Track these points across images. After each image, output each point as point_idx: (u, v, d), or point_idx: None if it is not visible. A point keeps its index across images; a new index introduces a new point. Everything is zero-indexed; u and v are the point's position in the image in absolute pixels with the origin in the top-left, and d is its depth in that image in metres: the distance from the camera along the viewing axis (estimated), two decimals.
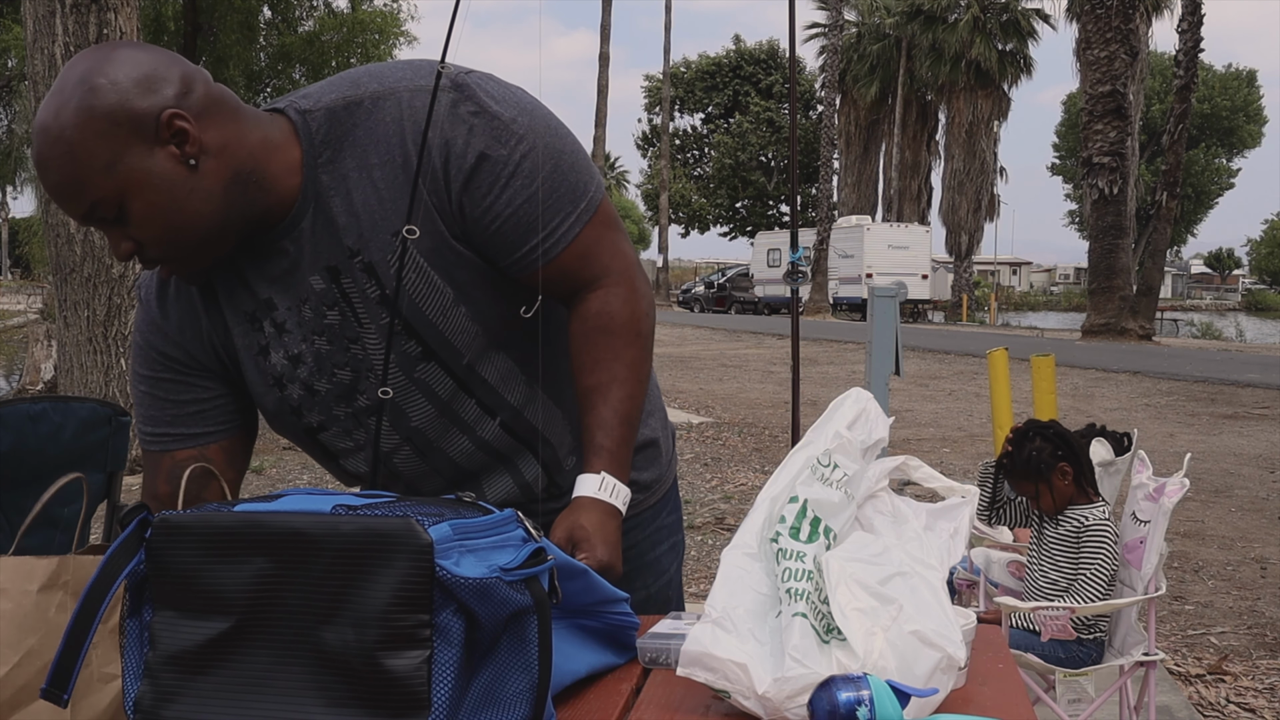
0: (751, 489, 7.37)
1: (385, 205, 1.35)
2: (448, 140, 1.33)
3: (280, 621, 0.91)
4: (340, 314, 1.40)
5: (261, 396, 1.48)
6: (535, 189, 1.36)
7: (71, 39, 7.78)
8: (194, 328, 1.46)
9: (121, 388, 8.09)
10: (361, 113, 1.35)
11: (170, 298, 1.47)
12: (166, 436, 1.49)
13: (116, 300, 8.05)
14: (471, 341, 1.42)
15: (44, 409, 2.17)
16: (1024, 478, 3.14)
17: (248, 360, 1.45)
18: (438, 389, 1.44)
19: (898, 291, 7.00)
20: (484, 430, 1.48)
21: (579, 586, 1.12)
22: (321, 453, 1.53)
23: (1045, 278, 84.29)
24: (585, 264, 1.41)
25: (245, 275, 1.41)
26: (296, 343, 1.42)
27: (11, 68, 18.98)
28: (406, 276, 1.36)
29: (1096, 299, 22.99)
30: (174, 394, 1.48)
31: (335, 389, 1.43)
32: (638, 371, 1.44)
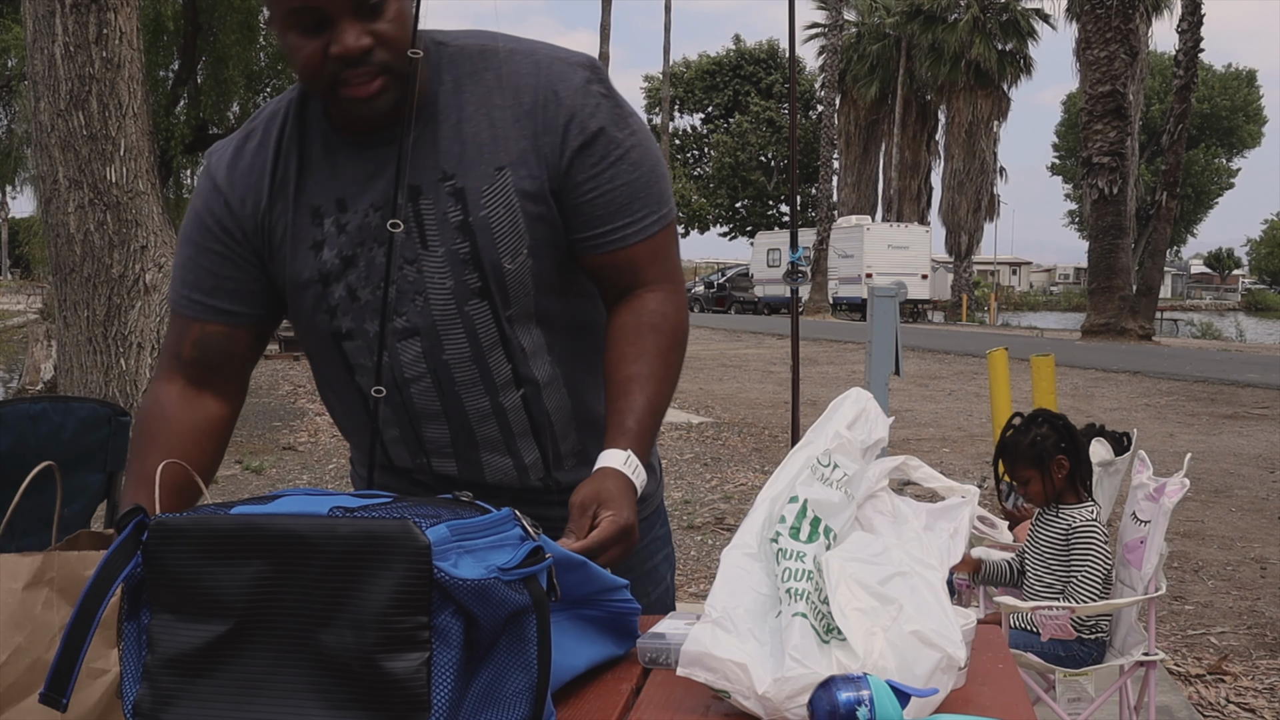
0: (751, 489, 7.37)
1: (496, 143, 1.42)
2: (575, 107, 1.43)
3: (279, 624, 0.91)
4: (406, 231, 1.42)
5: (300, 290, 1.48)
6: (635, 176, 1.46)
7: (71, 39, 7.78)
8: (254, 203, 1.47)
9: (121, 388, 8.09)
10: (495, 60, 1.44)
11: (241, 169, 1.49)
12: (201, 306, 1.51)
13: (116, 300, 8.04)
14: (523, 297, 1.46)
15: (44, 409, 2.18)
16: (1021, 461, 3.14)
17: (298, 251, 1.46)
18: (480, 332, 1.46)
19: (898, 291, 7.00)
20: (506, 397, 1.49)
21: (578, 578, 1.12)
22: (339, 362, 1.51)
23: (1045, 278, 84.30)
24: (653, 263, 1.49)
25: (334, 164, 1.45)
26: (354, 245, 1.44)
27: (11, 68, 18.97)
28: (494, 207, 1.41)
29: (1096, 299, 22.99)
30: (218, 267, 1.50)
31: (376, 301, 1.44)
32: (672, 375, 1.50)
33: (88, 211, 7.95)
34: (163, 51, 18.42)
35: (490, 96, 1.43)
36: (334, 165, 1.45)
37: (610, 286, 1.51)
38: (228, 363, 1.53)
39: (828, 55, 35.11)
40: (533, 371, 1.50)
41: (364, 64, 1.33)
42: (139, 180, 8.14)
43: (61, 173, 7.92)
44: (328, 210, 1.45)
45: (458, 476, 1.53)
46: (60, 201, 7.96)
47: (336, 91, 1.36)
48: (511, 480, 1.53)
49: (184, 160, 20.69)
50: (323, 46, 1.32)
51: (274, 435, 9.74)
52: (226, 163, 1.50)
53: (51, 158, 7.95)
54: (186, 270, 1.51)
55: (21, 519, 1.66)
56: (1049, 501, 3.14)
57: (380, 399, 1.46)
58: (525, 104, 1.42)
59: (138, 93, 8.15)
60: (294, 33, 1.34)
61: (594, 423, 1.55)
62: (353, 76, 1.34)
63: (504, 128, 1.42)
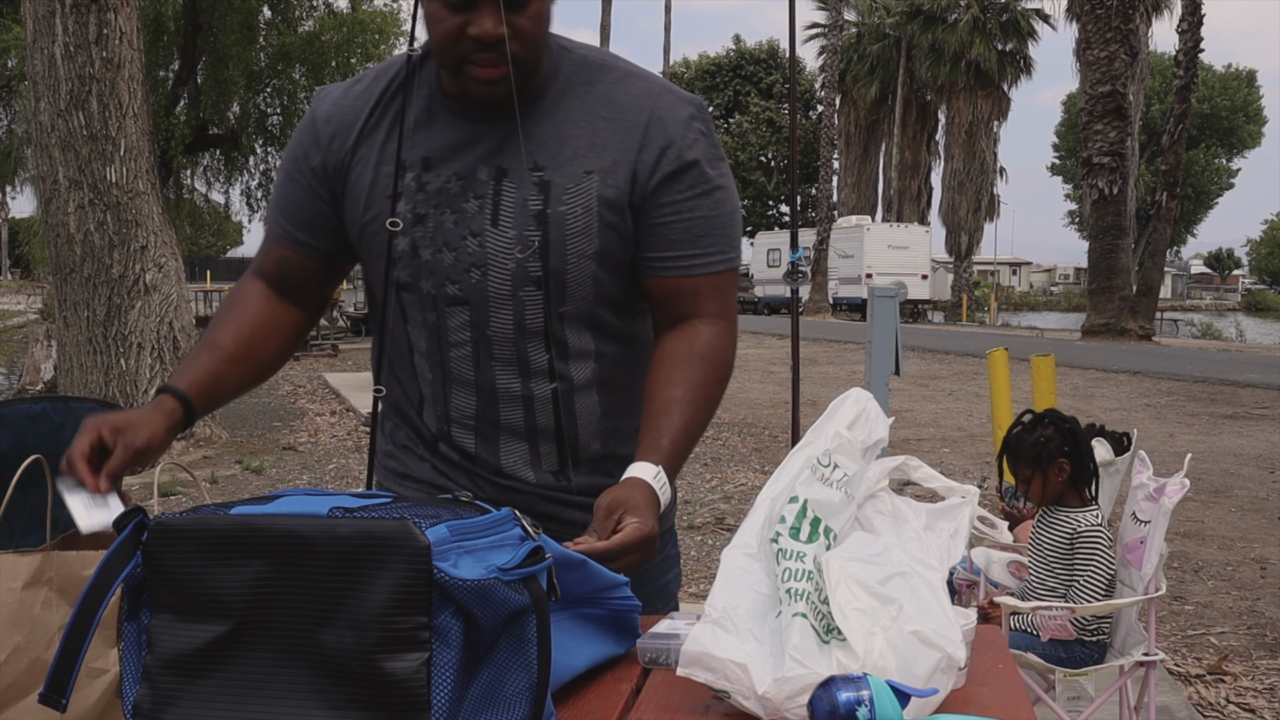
0: (751, 489, 7.37)
1: (592, 149, 1.49)
2: (675, 136, 1.51)
3: (278, 624, 0.91)
4: (480, 206, 1.49)
5: (369, 235, 1.54)
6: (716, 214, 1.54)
7: (71, 39, 7.78)
8: (341, 141, 1.54)
9: (121, 388, 8.09)
10: (610, 76, 1.53)
11: (340, 108, 1.56)
12: (283, 231, 1.61)
13: (116, 300, 8.05)
14: (579, 299, 1.53)
15: (44, 409, 2.17)
16: (1023, 460, 3.14)
17: (374, 198, 1.52)
18: (528, 318, 1.51)
19: (898, 291, 7.00)
20: (538, 386, 1.54)
21: (579, 577, 1.13)
22: (397, 309, 1.57)
23: (1045, 278, 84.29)
24: (713, 297, 1.56)
25: (431, 125, 1.51)
26: (428, 205, 1.50)
27: (11, 68, 18.97)
28: (574, 206, 1.48)
29: (1096, 299, 22.99)
30: (299, 199, 1.58)
31: (434, 263, 1.51)
32: (712, 408, 1.55)
33: (88, 211, 7.95)
34: (163, 51, 18.41)
35: (597, 108, 1.51)
36: (430, 126, 1.52)
37: (667, 311, 1.56)
38: (305, 284, 1.63)
39: (828, 55, 35.11)
40: (570, 370, 1.55)
41: (495, 50, 1.40)
42: (139, 180, 8.14)
43: (61, 173, 7.92)
44: (412, 166, 1.51)
45: (474, 453, 1.58)
46: (60, 201, 7.96)
47: (462, 68, 1.43)
48: (524, 468, 1.57)
49: (184, 160, 20.68)
50: (462, 24, 1.39)
51: (274, 435, 9.74)
52: (332, 99, 1.58)
53: (51, 158, 7.95)
54: (279, 194, 1.62)
55: (21, 518, 1.66)
56: (1045, 502, 3.14)
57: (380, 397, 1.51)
58: (628, 121, 1.50)
59: (138, 93, 8.15)
60: (439, 3, 1.40)
61: (619, 436, 1.60)
62: (482, 59, 1.41)
63: (603, 138, 1.50)
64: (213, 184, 22.96)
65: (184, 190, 21.95)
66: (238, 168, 21.96)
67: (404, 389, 1.63)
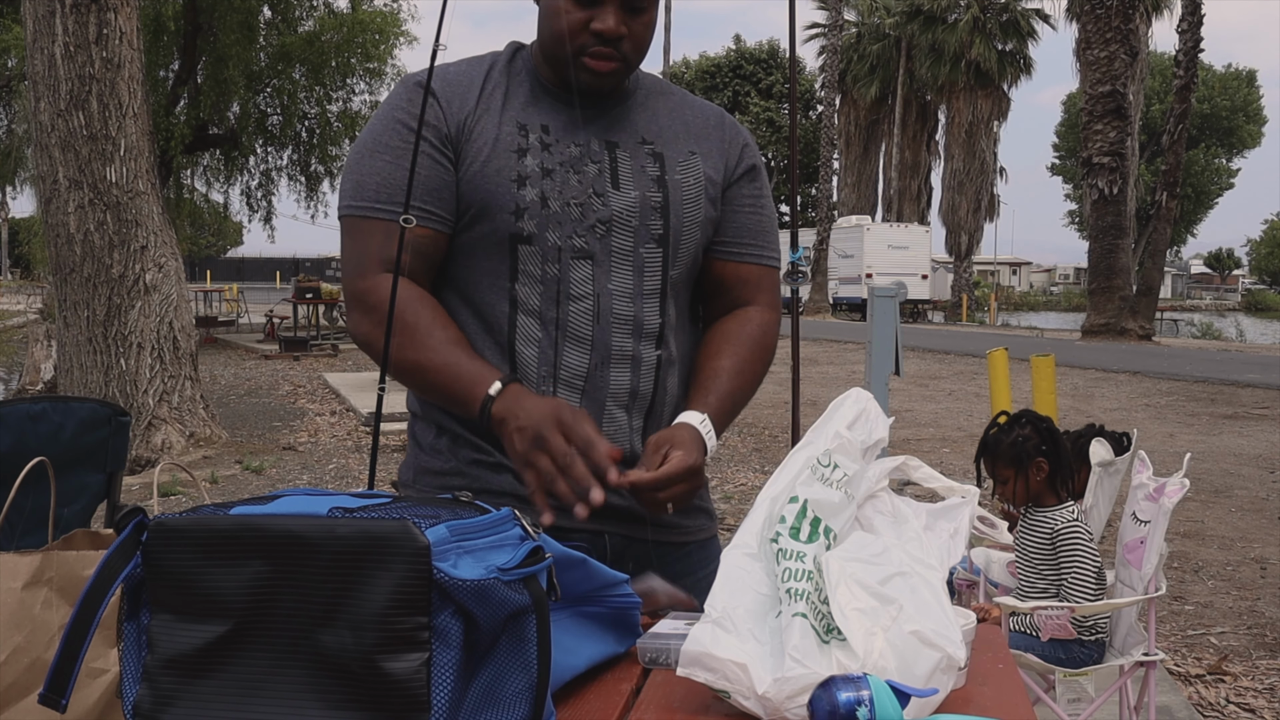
0: (751, 489, 7.37)
1: (689, 134, 1.66)
2: (746, 140, 1.72)
3: (278, 625, 0.91)
4: (600, 170, 1.58)
5: (493, 188, 1.54)
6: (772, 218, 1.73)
7: (71, 39, 7.78)
8: (460, 104, 1.56)
9: (121, 388, 8.09)
10: (678, 92, 1.71)
11: (450, 80, 1.58)
12: (390, 209, 1.53)
13: (116, 300, 8.04)
14: (685, 262, 1.63)
15: (44, 409, 2.17)
16: (1000, 460, 3.14)
17: (499, 153, 1.55)
18: (647, 275, 1.60)
19: (898, 291, 7.00)
20: (645, 350, 1.60)
21: (579, 575, 1.13)
22: (503, 269, 1.56)
23: (1045, 278, 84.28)
24: (770, 289, 1.72)
25: (538, 103, 1.59)
26: (555, 162, 1.57)
27: (11, 68, 18.97)
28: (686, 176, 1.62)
29: (1096, 299, 22.99)
30: (424, 170, 1.54)
31: (562, 215, 1.55)
32: (755, 385, 1.68)
33: (88, 211, 7.95)
34: (163, 51, 18.41)
35: (678, 110, 1.67)
36: (538, 103, 1.59)
37: (727, 295, 1.69)
38: (430, 267, 1.58)
39: (828, 55, 35.10)
40: (670, 340, 1.63)
41: (612, 45, 1.52)
42: (139, 180, 8.13)
43: (61, 173, 7.92)
44: (533, 129, 1.57)
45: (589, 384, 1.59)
46: (60, 201, 7.95)
47: (578, 58, 1.52)
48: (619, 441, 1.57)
49: (184, 160, 20.68)
50: (586, 19, 1.50)
51: (274, 435, 9.74)
52: (439, 75, 1.58)
53: (51, 158, 7.95)
54: (387, 176, 1.54)
55: (21, 519, 1.66)
56: (1024, 503, 3.14)
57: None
58: (711, 121, 1.68)
59: (138, 93, 8.14)
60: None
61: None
62: (599, 52, 1.52)
63: (695, 127, 1.66)
64: (213, 184, 22.99)
65: (184, 190, 21.95)
66: (238, 168, 21.97)
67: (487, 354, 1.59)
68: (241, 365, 16.72)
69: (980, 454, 3.27)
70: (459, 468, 1.60)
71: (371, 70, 20.13)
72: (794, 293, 2.12)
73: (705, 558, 1.68)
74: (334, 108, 21.00)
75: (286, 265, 58.37)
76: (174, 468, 6.59)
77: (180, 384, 8.43)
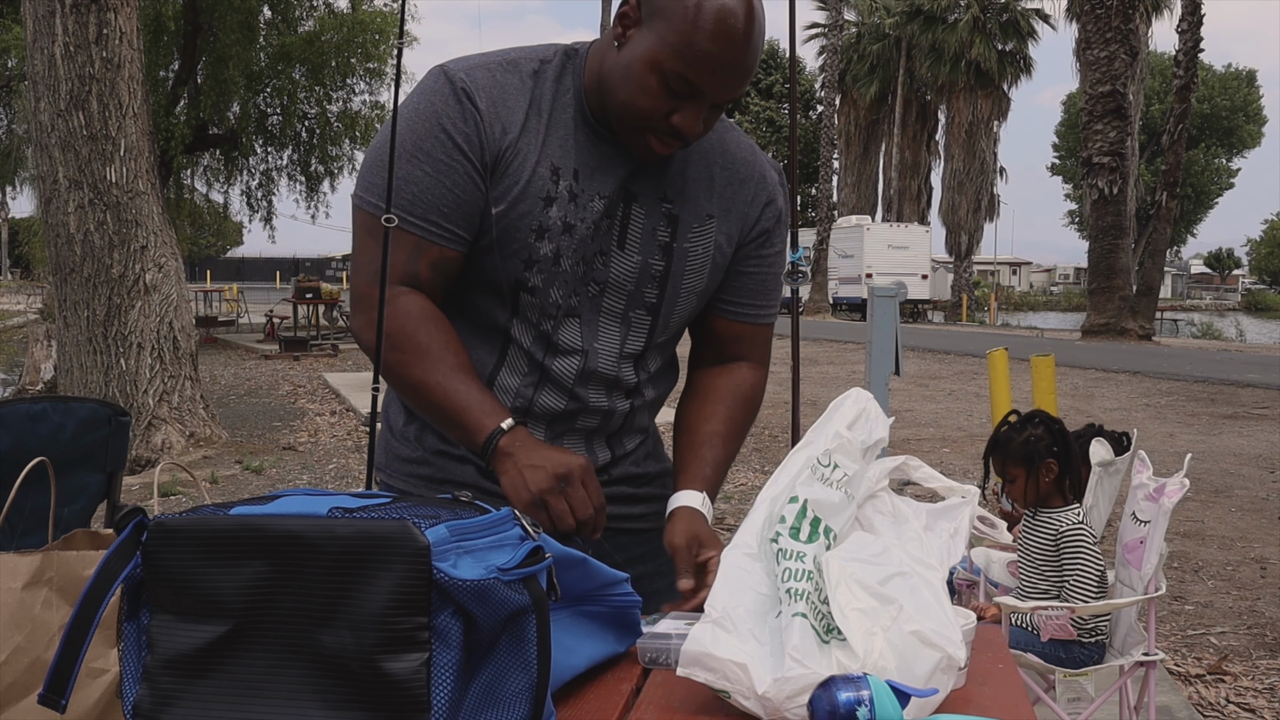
0: (751, 489, 7.37)
1: (711, 194, 1.59)
2: (773, 194, 1.66)
3: (278, 625, 0.91)
4: (609, 226, 1.54)
5: (512, 235, 1.50)
6: (778, 272, 1.72)
7: (71, 39, 7.78)
8: (502, 129, 1.48)
9: (121, 388, 8.09)
10: (721, 125, 1.63)
11: (499, 97, 1.49)
12: (440, 229, 1.48)
13: (116, 300, 8.04)
14: (674, 328, 1.65)
15: (44, 409, 2.17)
16: (1011, 458, 3.13)
17: (528, 197, 1.49)
18: (631, 339, 1.60)
19: (898, 291, 7.00)
20: (619, 402, 1.63)
21: (579, 575, 1.13)
22: (506, 306, 1.56)
23: (1045, 278, 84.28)
24: (763, 345, 1.72)
25: (576, 138, 1.52)
26: (575, 216, 1.52)
27: (11, 68, 18.98)
28: (695, 245, 1.58)
29: (1096, 299, 22.99)
30: (459, 186, 1.48)
31: (569, 274, 1.53)
32: (741, 443, 1.69)
33: (88, 211, 7.95)
34: (163, 51, 18.41)
35: (711, 155, 1.60)
36: (575, 138, 1.52)
37: (720, 348, 1.70)
38: (447, 285, 1.54)
39: (828, 55, 35.10)
40: (645, 390, 1.66)
41: (682, 140, 1.47)
42: (139, 180, 8.14)
43: (61, 173, 7.92)
44: (565, 173, 1.51)
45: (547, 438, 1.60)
46: (60, 201, 7.96)
47: (646, 140, 1.47)
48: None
49: (184, 160, 20.68)
50: (670, 109, 1.43)
51: (274, 435, 9.74)
52: (485, 87, 1.49)
53: (51, 158, 7.95)
54: (425, 188, 1.47)
55: (21, 519, 1.66)
56: (1032, 503, 3.13)
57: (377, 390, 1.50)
58: (740, 174, 1.62)
59: (138, 93, 8.15)
60: (659, 82, 1.41)
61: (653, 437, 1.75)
62: (670, 142, 1.47)
63: (719, 186, 1.60)
64: (213, 184, 22.99)
65: (184, 190, 21.95)
66: (238, 168, 21.97)
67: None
68: (241, 365, 16.72)
69: (990, 451, 3.25)
70: (425, 456, 1.63)
71: (371, 70, 20.14)
72: (794, 293, 2.12)
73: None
74: (334, 108, 21.01)
75: (286, 265, 58.40)
76: (174, 468, 6.59)
77: (180, 384, 8.43)
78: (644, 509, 1.70)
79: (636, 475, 1.69)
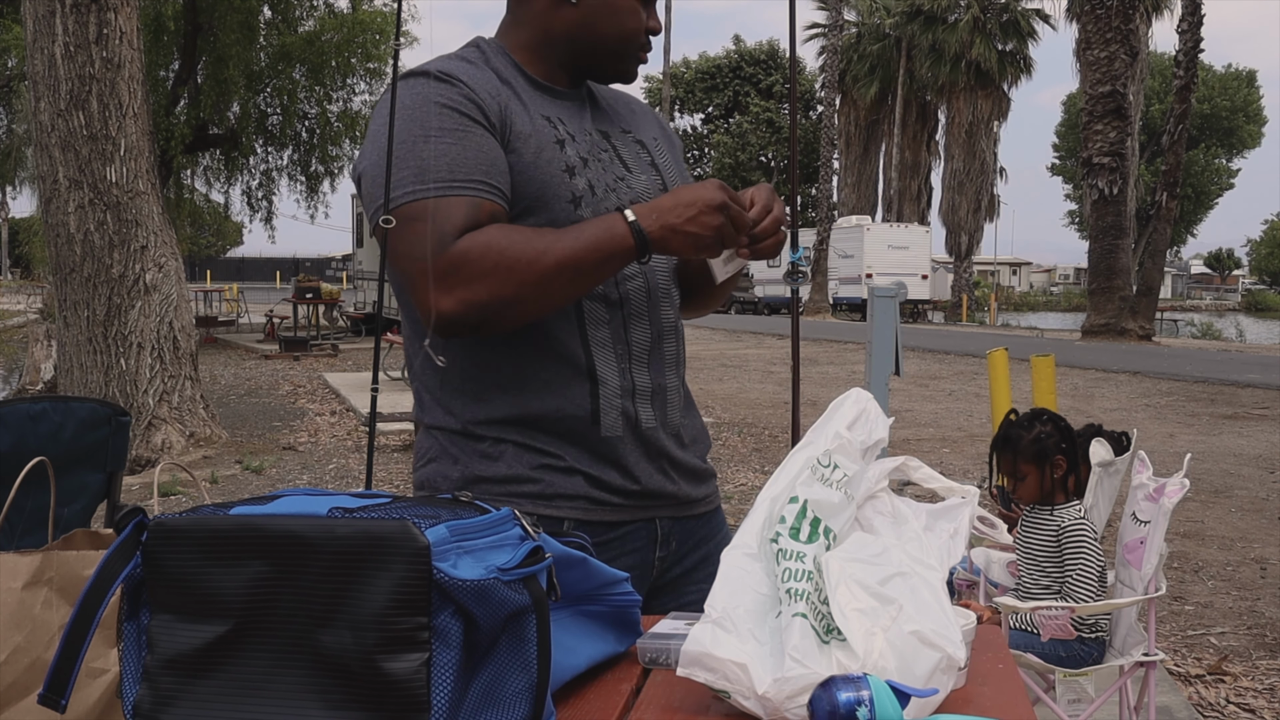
0: (751, 489, 7.38)
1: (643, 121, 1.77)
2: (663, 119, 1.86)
3: (278, 625, 0.90)
4: (610, 158, 1.65)
5: (547, 182, 1.55)
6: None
7: (71, 39, 7.78)
8: (493, 97, 1.54)
9: (121, 388, 8.09)
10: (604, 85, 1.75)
11: (475, 76, 1.56)
12: (486, 185, 1.49)
13: (116, 300, 8.04)
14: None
15: (44, 409, 2.17)
16: (1023, 455, 3.13)
17: (544, 146, 1.56)
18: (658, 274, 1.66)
19: (898, 291, 7.00)
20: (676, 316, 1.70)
21: (578, 574, 1.13)
22: None
23: (1045, 278, 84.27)
24: None
25: (539, 99, 1.62)
26: (585, 151, 1.62)
27: (11, 68, 18.98)
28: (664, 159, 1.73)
29: (1096, 299, 22.99)
30: (489, 147, 1.51)
31: (607, 201, 1.59)
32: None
33: (88, 211, 7.95)
34: (163, 51, 18.42)
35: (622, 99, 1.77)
36: (540, 98, 1.62)
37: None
38: None
39: (828, 55, 35.11)
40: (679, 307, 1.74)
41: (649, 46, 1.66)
42: (139, 180, 8.14)
43: (61, 173, 7.92)
44: (556, 121, 1.61)
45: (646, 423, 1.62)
46: (60, 201, 7.96)
47: (635, 52, 1.63)
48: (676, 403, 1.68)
49: (184, 160, 20.68)
50: (645, 17, 1.62)
51: (274, 435, 9.74)
52: (456, 70, 1.55)
53: (51, 158, 7.95)
54: (455, 156, 1.48)
55: (21, 519, 1.66)
56: (1036, 499, 3.14)
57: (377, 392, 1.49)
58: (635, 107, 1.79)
59: (138, 93, 8.15)
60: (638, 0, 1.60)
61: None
62: (645, 54, 1.65)
63: (640, 114, 1.78)
64: (213, 184, 23.00)
65: (184, 190, 21.95)
66: (238, 168, 21.98)
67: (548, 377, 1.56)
68: (241, 365, 16.72)
69: (999, 449, 3.23)
70: (527, 474, 1.56)
71: (371, 70, 20.14)
72: (794, 293, 2.12)
73: (719, 523, 1.78)
74: (334, 108, 21.03)
75: (286, 265, 58.41)
76: (174, 468, 6.59)
77: (180, 384, 8.43)
78: (706, 490, 1.74)
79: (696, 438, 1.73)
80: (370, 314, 20.79)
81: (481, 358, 1.57)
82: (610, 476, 1.59)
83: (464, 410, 1.58)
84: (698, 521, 1.71)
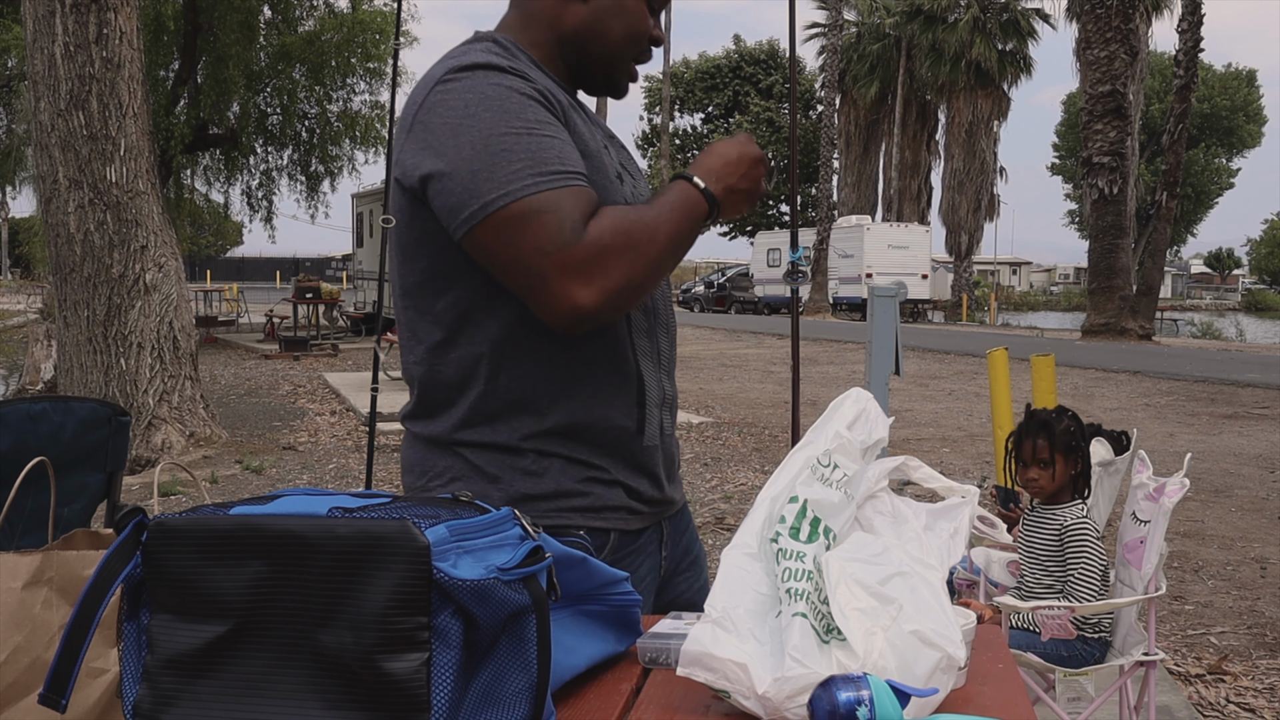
0: (751, 489, 7.38)
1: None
2: None
3: (278, 625, 0.91)
4: (626, 159, 1.70)
5: (607, 186, 1.53)
6: None
7: (71, 39, 7.78)
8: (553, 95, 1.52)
9: (121, 387, 8.09)
10: None
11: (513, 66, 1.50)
12: (584, 176, 1.45)
13: (116, 300, 8.04)
14: None
15: (44, 409, 2.17)
16: (1058, 443, 3.11)
17: (598, 150, 1.56)
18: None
19: (898, 291, 7.00)
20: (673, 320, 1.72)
21: (579, 574, 1.13)
22: None
23: (1045, 278, 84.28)
24: None
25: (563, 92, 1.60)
26: (618, 156, 1.66)
27: (11, 68, 18.97)
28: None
29: (1096, 299, 22.99)
30: (569, 140, 1.48)
31: (635, 201, 1.61)
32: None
33: (88, 211, 7.95)
34: (163, 51, 18.41)
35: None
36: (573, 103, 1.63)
37: None
38: None
39: (828, 55, 35.10)
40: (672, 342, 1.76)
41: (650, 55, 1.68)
42: (139, 180, 8.14)
43: (61, 173, 7.92)
44: (587, 121, 1.61)
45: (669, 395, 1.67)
46: (60, 201, 7.96)
47: (638, 58, 1.65)
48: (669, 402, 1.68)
49: (184, 160, 20.68)
50: (651, 25, 1.64)
51: (274, 435, 9.74)
52: (522, 67, 1.51)
53: (51, 158, 7.95)
54: (561, 145, 1.45)
55: (22, 519, 1.66)
56: (1049, 493, 3.15)
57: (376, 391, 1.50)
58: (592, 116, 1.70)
59: (138, 93, 8.15)
60: (644, 3, 1.62)
61: None
62: (648, 54, 1.66)
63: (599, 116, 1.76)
64: (213, 184, 23.00)
65: (184, 190, 21.95)
66: (238, 168, 21.98)
67: (596, 387, 1.53)
68: (241, 365, 16.72)
69: (1035, 432, 3.16)
70: (574, 488, 1.52)
71: (371, 70, 20.14)
72: (794, 292, 2.13)
73: (688, 515, 1.82)
74: (334, 108, 21.02)
75: (286, 265, 58.45)
76: (174, 468, 6.59)
77: (180, 384, 8.43)
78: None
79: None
80: (370, 314, 20.80)
81: (526, 368, 1.50)
82: (643, 486, 1.59)
83: (509, 423, 1.50)
84: (678, 516, 1.76)
